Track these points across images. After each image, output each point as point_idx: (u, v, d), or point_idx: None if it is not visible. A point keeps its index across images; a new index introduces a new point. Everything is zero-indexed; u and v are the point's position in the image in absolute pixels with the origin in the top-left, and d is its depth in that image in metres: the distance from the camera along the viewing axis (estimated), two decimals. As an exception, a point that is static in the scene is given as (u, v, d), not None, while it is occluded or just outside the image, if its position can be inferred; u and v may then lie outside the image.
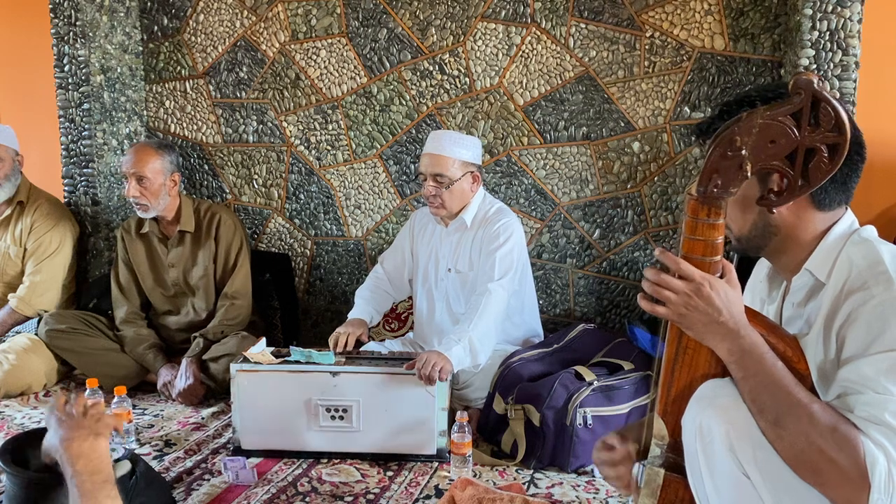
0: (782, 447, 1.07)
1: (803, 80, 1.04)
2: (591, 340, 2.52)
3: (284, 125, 3.27)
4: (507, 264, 2.38)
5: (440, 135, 2.48)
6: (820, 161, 1.08)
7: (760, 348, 1.11)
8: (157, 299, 2.92)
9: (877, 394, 1.05)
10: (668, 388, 1.19)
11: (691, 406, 1.15)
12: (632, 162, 2.94)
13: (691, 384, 1.17)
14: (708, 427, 1.11)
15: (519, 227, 2.48)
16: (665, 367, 1.20)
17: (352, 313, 2.54)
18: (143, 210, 2.77)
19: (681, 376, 1.18)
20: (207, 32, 3.29)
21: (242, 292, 2.85)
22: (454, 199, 2.45)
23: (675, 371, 1.18)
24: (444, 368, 2.12)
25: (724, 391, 1.14)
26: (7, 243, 3.01)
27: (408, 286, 2.71)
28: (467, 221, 2.48)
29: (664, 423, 1.20)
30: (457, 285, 2.53)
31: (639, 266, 3.00)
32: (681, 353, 1.18)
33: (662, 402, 1.20)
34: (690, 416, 1.15)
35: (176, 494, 1.98)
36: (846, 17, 2.42)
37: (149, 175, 2.73)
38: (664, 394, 1.20)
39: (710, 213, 1.13)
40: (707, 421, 1.11)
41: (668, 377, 1.19)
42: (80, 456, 1.26)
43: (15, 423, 2.49)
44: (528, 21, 2.94)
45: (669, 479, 1.20)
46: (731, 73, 2.79)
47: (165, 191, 2.78)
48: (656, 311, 1.15)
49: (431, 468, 2.15)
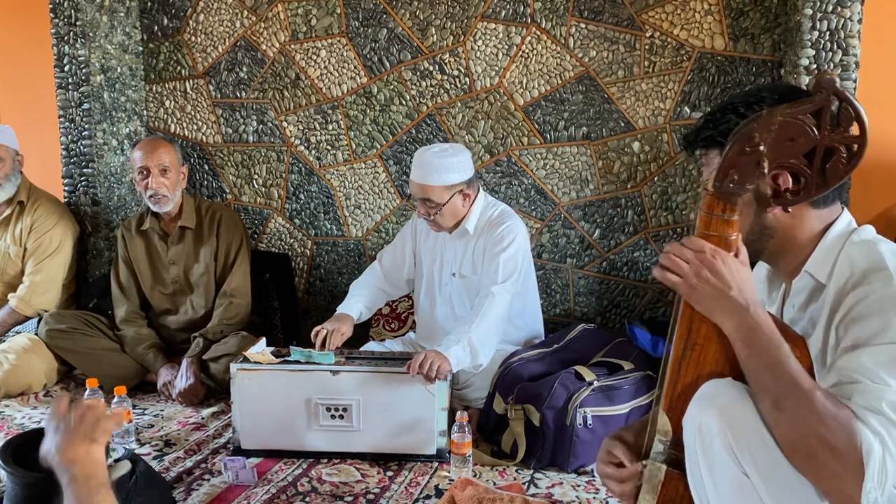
0: (781, 431, 1.07)
1: (826, 79, 1.04)
2: (591, 340, 2.52)
3: (284, 125, 3.27)
4: (510, 267, 2.38)
5: (423, 161, 2.39)
6: (838, 161, 1.08)
7: (768, 328, 1.11)
8: (156, 298, 2.91)
9: (874, 384, 1.05)
10: (674, 383, 1.19)
11: (692, 406, 1.15)
12: (632, 162, 2.94)
13: (697, 381, 1.17)
14: (708, 427, 1.11)
15: (523, 230, 2.48)
16: (672, 362, 1.19)
17: (340, 307, 2.51)
18: (163, 203, 2.76)
19: (687, 373, 1.18)
20: (207, 32, 3.29)
21: (241, 290, 2.84)
22: (447, 219, 2.45)
23: (681, 367, 1.18)
24: (441, 367, 2.12)
25: (724, 391, 1.13)
26: (7, 243, 3.01)
27: (405, 285, 2.70)
28: (469, 230, 2.48)
29: (669, 418, 1.19)
30: (461, 289, 2.53)
31: (639, 266, 3.00)
32: (689, 349, 1.17)
33: (668, 397, 1.19)
34: (691, 415, 1.15)
35: (176, 494, 1.98)
36: (846, 17, 2.42)
37: (171, 166, 2.75)
38: (670, 389, 1.19)
39: (726, 208, 1.13)
40: (707, 420, 1.11)
41: (675, 373, 1.19)
42: (74, 461, 1.26)
43: (15, 423, 2.49)
44: (528, 21, 2.94)
45: (671, 476, 1.20)
46: (731, 73, 2.80)
47: (180, 183, 2.80)
48: (668, 280, 1.15)
49: (431, 468, 2.15)
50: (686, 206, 2.92)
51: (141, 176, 2.75)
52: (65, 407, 1.37)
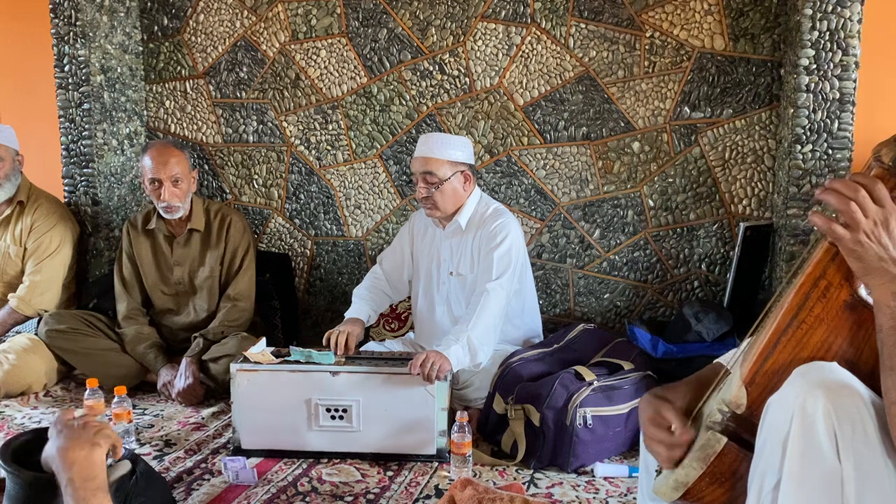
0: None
1: None
2: (591, 340, 2.52)
3: (284, 125, 3.27)
4: (504, 264, 2.38)
5: (428, 137, 2.49)
6: None
7: None
8: (158, 297, 2.91)
9: None
10: (764, 358, 1.09)
11: (796, 381, 1.05)
12: (632, 162, 2.94)
13: (792, 362, 1.07)
14: (813, 407, 1.02)
15: (516, 227, 2.48)
16: (770, 335, 1.09)
17: (349, 312, 2.53)
18: (175, 212, 2.76)
19: (784, 350, 1.08)
20: (207, 32, 3.29)
21: (246, 295, 2.84)
22: (446, 200, 2.45)
23: (779, 343, 1.08)
24: (442, 367, 2.12)
25: (835, 375, 1.05)
26: (7, 243, 3.01)
27: (406, 286, 2.70)
28: (462, 224, 2.48)
29: (747, 391, 1.09)
30: (458, 288, 2.53)
31: (639, 266, 3.00)
32: (794, 326, 1.07)
33: (752, 370, 1.09)
34: (791, 393, 1.05)
35: (176, 494, 1.98)
36: (846, 17, 2.42)
37: (182, 176, 2.74)
38: (757, 363, 1.09)
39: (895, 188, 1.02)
40: (812, 401, 1.02)
41: (769, 348, 1.08)
42: (74, 463, 1.28)
43: (15, 423, 2.49)
44: (528, 21, 2.94)
45: (729, 449, 1.11)
46: (731, 73, 2.80)
47: (191, 190, 2.80)
48: (833, 230, 1.04)
49: (431, 468, 2.15)
50: (686, 207, 2.92)
51: (153, 187, 2.73)
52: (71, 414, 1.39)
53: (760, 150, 2.82)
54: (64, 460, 1.29)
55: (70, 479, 1.26)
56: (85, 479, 1.26)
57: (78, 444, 1.31)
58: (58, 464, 1.30)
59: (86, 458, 1.29)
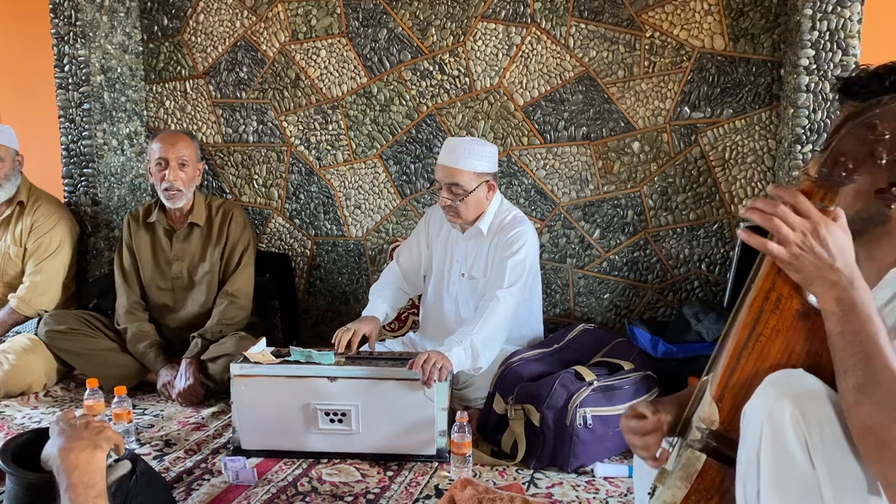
0: (859, 414, 1.00)
1: None
2: (591, 340, 2.52)
3: (284, 125, 3.27)
4: (517, 273, 2.38)
5: (455, 145, 2.42)
6: None
7: (870, 308, 1.03)
8: (154, 292, 2.89)
9: None
10: (729, 373, 1.11)
11: (762, 393, 1.08)
12: (632, 162, 2.94)
13: (756, 375, 1.09)
14: (780, 415, 1.03)
15: (533, 236, 2.47)
16: (731, 350, 1.11)
17: (366, 311, 2.53)
18: (177, 198, 2.75)
19: (747, 364, 1.10)
20: (207, 32, 3.29)
21: (244, 291, 2.84)
22: (469, 210, 2.45)
23: (741, 357, 1.10)
24: (443, 367, 2.12)
25: (800, 381, 1.07)
26: (7, 243, 3.01)
27: (422, 282, 2.70)
28: (483, 230, 2.48)
29: (718, 408, 1.12)
30: (468, 290, 2.53)
31: (639, 266, 3.00)
32: (753, 339, 1.09)
33: (720, 386, 1.12)
34: (760, 403, 1.07)
35: (176, 494, 1.98)
36: (846, 17, 2.42)
37: (189, 160, 2.74)
38: (723, 378, 1.12)
39: (826, 197, 1.04)
40: (780, 408, 1.03)
41: (733, 362, 1.11)
42: (75, 467, 1.27)
43: (15, 423, 2.49)
44: (528, 21, 2.94)
45: (710, 465, 1.13)
46: (731, 73, 2.80)
47: (196, 179, 2.80)
48: (766, 248, 1.05)
49: (431, 468, 2.15)
50: (686, 207, 2.93)
51: (158, 168, 2.73)
52: (73, 414, 1.38)
53: (760, 150, 2.82)
54: (65, 462, 1.28)
55: (71, 483, 1.25)
56: (86, 485, 1.25)
57: (80, 445, 1.31)
58: (58, 465, 1.29)
59: (87, 461, 1.28)
